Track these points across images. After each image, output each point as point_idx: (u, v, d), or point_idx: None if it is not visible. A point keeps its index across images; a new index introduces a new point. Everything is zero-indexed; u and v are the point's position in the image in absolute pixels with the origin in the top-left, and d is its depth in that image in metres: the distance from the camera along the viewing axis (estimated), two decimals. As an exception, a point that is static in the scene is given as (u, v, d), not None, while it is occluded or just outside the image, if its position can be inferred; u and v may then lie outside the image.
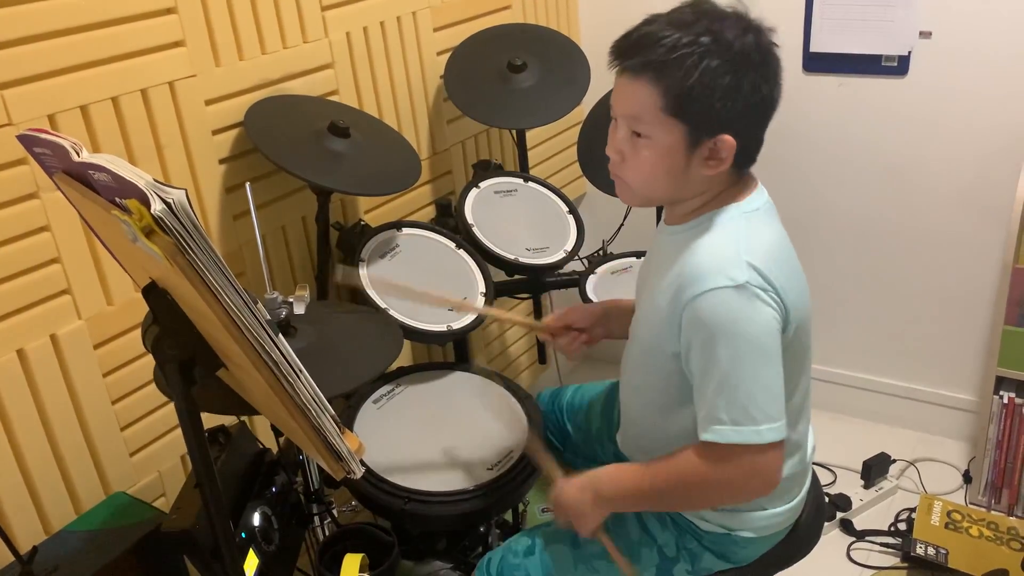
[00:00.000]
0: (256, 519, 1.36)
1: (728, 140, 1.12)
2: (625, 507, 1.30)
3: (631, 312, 1.37)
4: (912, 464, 2.45)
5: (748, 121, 1.14)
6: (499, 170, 2.11)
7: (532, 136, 2.42)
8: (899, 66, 2.26)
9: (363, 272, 1.70)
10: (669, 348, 1.19)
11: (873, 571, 2.12)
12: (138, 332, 1.50)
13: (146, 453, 1.56)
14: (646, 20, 1.13)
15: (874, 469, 2.35)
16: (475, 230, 1.89)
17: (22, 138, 0.96)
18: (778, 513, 1.31)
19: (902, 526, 2.23)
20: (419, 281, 1.76)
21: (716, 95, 1.08)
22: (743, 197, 1.20)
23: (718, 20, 1.10)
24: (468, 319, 1.73)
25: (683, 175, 1.16)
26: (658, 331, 1.20)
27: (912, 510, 2.23)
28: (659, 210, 2.24)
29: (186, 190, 0.76)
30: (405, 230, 1.85)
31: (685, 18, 1.10)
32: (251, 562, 1.29)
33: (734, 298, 1.09)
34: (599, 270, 2.09)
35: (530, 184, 2.07)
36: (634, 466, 1.28)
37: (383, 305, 1.65)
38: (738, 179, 1.21)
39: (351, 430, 1.29)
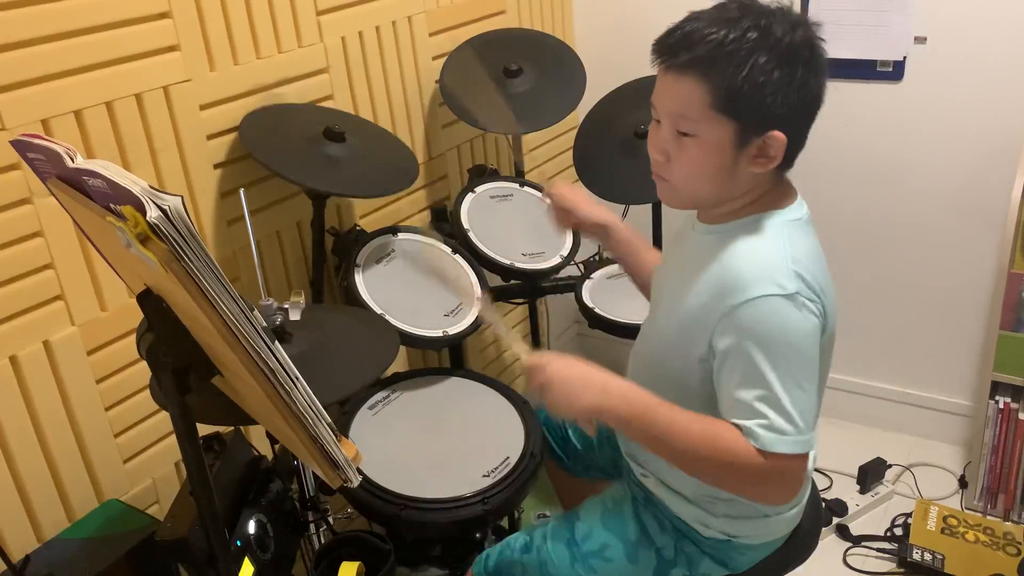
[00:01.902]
0: (251, 527, 1.35)
1: (779, 136, 1.10)
2: (628, 431, 1.17)
3: (625, 246, 1.45)
4: (908, 469, 2.45)
5: (797, 118, 1.13)
6: (495, 175, 2.10)
7: (528, 141, 2.42)
8: (894, 71, 2.26)
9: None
10: (695, 351, 1.16)
11: (869, 576, 2.13)
12: (132, 338, 1.49)
13: (140, 460, 1.55)
14: (689, 17, 1.12)
15: (870, 474, 2.35)
16: (471, 235, 1.89)
17: (16, 143, 0.95)
18: (780, 520, 1.31)
19: (898, 531, 2.22)
20: (415, 286, 1.76)
21: (767, 90, 1.07)
22: (785, 204, 1.18)
23: (765, 16, 1.09)
24: (464, 324, 1.72)
25: (730, 173, 1.14)
26: (684, 333, 1.18)
27: (908, 515, 2.23)
28: (656, 216, 2.24)
29: (182, 197, 0.75)
30: (400, 235, 1.84)
31: (730, 14, 1.09)
32: (246, 570, 1.29)
33: (785, 307, 1.08)
34: (595, 275, 2.09)
35: (526, 189, 2.07)
36: (665, 405, 1.12)
37: (380, 311, 1.64)
38: (779, 182, 1.19)
39: (346, 436, 1.29)
